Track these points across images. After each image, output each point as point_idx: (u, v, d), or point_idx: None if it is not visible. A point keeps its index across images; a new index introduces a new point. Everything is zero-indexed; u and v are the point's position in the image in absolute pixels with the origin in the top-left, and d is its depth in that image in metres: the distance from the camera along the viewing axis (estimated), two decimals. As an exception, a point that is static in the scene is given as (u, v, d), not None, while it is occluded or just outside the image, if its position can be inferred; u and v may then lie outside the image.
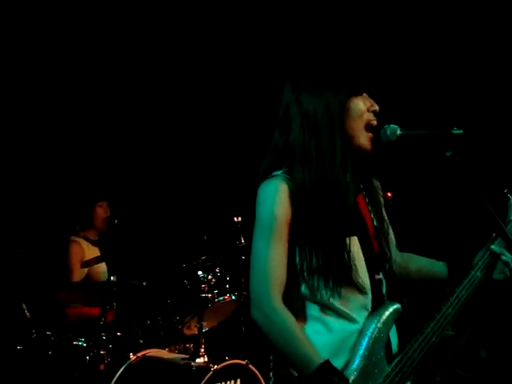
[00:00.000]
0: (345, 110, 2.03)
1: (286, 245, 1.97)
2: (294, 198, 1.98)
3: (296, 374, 1.96)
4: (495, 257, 2.10)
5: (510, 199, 2.20)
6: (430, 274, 2.23)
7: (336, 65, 2.07)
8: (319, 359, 1.90)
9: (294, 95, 2.07)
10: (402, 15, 5.03)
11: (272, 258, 1.96)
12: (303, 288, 1.99)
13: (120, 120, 5.68)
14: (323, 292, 1.96)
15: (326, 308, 1.99)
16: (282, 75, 2.17)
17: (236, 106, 5.78)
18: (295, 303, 1.98)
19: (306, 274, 1.97)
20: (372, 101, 2.10)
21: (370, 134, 2.08)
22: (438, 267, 2.22)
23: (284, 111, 2.09)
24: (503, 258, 2.09)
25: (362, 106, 2.07)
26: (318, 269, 1.95)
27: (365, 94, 2.10)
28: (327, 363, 1.89)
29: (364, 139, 2.07)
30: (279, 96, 2.14)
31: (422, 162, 4.48)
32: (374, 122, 2.09)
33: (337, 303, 1.98)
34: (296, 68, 2.13)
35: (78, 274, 4.85)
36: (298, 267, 1.98)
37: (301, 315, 1.99)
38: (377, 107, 2.09)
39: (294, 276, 1.99)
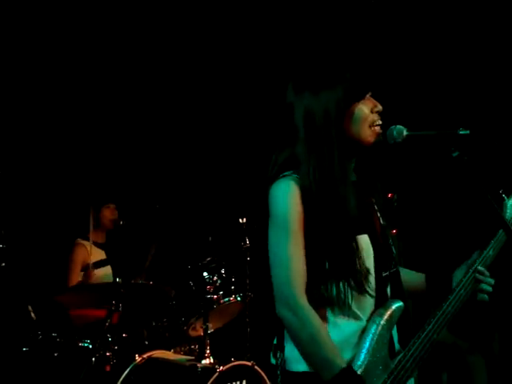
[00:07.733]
0: (345, 116, 2.03)
1: (303, 243, 1.98)
2: (304, 198, 1.99)
3: (303, 370, 1.97)
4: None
5: (504, 199, 2.20)
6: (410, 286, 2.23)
7: (337, 69, 2.07)
8: (342, 363, 1.90)
9: (297, 95, 2.08)
10: (407, 13, 5.03)
11: (293, 255, 1.97)
12: (322, 289, 1.99)
13: (126, 122, 5.69)
14: (333, 291, 1.96)
15: (332, 306, 1.99)
16: (287, 75, 2.17)
17: (241, 108, 5.79)
18: (313, 305, 1.97)
19: (318, 275, 1.97)
20: (375, 101, 2.09)
21: (376, 128, 2.07)
22: (417, 278, 2.26)
23: (288, 111, 2.10)
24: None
25: (366, 110, 2.06)
26: (327, 269, 1.96)
27: (368, 95, 2.09)
28: (349, 368, 1.90)
29: (368, 135, 2.07)
30: (283, 98, 2.14)
31: (428, 162, 4.47)
32: (379, 122, 2.08)
33: (343, 301, 1.98)
34: (299, 68, 2.13)
35: (76, 277, 4.87)
36: (315, 269, 1.98)
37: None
38: (380, 107, 2.09)
39: (311, 278, 1.98)
